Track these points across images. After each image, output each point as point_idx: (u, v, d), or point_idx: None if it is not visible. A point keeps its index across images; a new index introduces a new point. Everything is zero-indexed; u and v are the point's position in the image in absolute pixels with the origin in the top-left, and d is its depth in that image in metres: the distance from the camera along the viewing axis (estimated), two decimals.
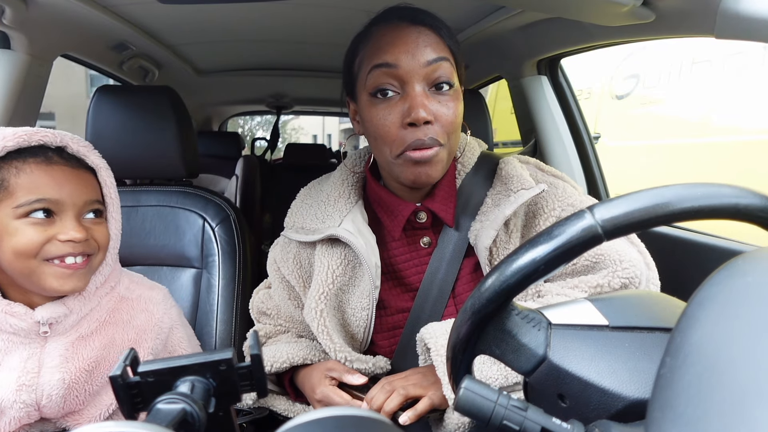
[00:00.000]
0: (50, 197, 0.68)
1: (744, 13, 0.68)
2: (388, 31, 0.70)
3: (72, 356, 0.73)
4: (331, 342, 0.75)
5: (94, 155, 0.76)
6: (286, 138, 13.84)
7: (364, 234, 0.77)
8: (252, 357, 0.40)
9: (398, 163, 0.71)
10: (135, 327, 0.81)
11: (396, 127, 0.69)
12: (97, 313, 0.77)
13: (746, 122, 2.42)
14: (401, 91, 0.69)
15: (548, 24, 1.19)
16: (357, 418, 0.30)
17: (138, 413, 0.39)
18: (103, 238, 0.75)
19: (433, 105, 0.69)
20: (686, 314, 0.31)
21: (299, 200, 0.88)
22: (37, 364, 0.71)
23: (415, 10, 0.73)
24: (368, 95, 0.71)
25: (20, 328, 0.70)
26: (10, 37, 1.09)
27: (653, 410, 0.28)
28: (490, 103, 3.35)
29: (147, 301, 0.84)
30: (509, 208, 0.71)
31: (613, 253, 0.72)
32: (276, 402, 0.85)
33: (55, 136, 0.71)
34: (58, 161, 0.71)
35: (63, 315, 0.72)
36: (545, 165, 0.84)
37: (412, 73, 0.68)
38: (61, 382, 0.71)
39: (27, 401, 0.70)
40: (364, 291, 0.77)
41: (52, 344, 0.73)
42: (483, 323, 0.43)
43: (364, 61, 0.72)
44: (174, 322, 0.88)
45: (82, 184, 0.73)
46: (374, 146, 0.75)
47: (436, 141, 0.68)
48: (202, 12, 1.30)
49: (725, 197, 0.37)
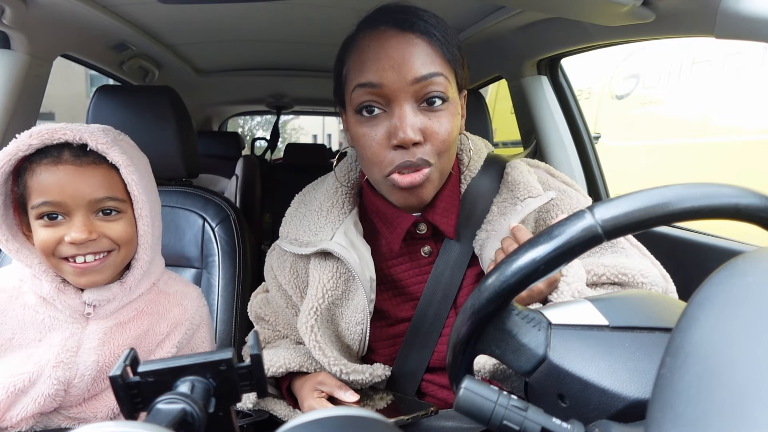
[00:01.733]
0: (53, 200, 0.69)
1: (744, 13, 0.68)
2: (373, 41, 0.65)
3: (109, 340, 0.77)
4: (324, 356, 0.72)
5: (116, 152, 0.73)
6: (286, 138, 13.83)
7: (358, 247, 0.74)
8: (252, 357, 0.40)
9: (387, 184, 0.68)
10: (169, 320, 0.83)
11: (383, 147, 0.65)
12: (137, 303, 0.81)
13: (746, 122, 2.42)
14: (387, 108, 0.65)
15: (548, 24, 1.19)
16: (357, 418, 0.30)
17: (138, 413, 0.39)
18: (119, 234, 0.74)
19: (424, 122, 0.64)
20: (686, 314, 0.31)
21: (293, 208, 0.84)
22: (76, 344, 0.75)
23: (405, 12, 0.66)
24: (354, 112, 0.67)
25: (68, 305, 0.74)
26: (10, 37, 1.09)
27: (653, 410, 0.28)
28: (490, 103, 3.35)
29: (183, 296, 0.87)
30: (515, 219, 0.69)
31: (636, 274, 0.68)
32: (277, 407, 0.84)
33: (74, 134, 0.70)
34: (68, 159, 0.70)
35: (107, 300, 0.76)
36: (556, 171, 0.81)
37: (398, 92, 0.63)
38: (95, 363, 0.75)
39: (61, 378, 0.72)
40: (358, 305, 0.74)
41: (92, 326, 0.77)
42: (483, 323, 0.43)
43: (349, 74, 0.68)
44: (203, 321, 0.90)
45: (91, 183, 0.72)
46: (363, 164, 0.71)
47: (425, 162, 0.64)
48: (202, 12, 1.30)
49: (725, 197, 0.37)
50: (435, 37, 0.65)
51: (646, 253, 0.75)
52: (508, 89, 1.62)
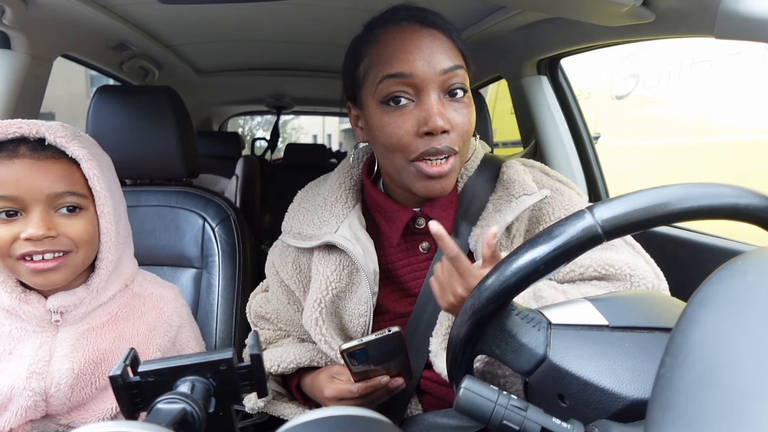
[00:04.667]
0: (9, 194, 0.67)
1: (744, 13, 0.68)
2: (398, 34, 0.67)
3: (82, 346, 0.74)
4: (330, 349, 0.74)
5: (76, 145, 0.71)
6: (286, 138, 13.83)
7: (362, 240, 0.75)
8: (252, 357, 0.40)
9: (410, 171, 0.68)
10: (146, 323, 0.81)
11: (410, 135, 0.66)
12: (109, 307, 0.78)
13: (746, 122, 2.42)
14: (416, 98, 0.66)
15: (548, 24, 1.19)
16: (357, 418, 0.30)
17: (138, 413, 0.39)
18: (80, 233, 0.71)
19: (449, 113, 0.66)
20: (686, 314, 0.31)
21: (296, 204, 0.86)
22: (48, 353, 0.72)
23: (423, 10, 0.69)
24: (378, 103, 0.68)
25: (32, 315, 0.72)
26: (10, 37, 1.09)
27: (653, 410, 0.28)
28: (490, 103, 3.35)
29: (158, 299, 0.85)
30: (510, 215, 0.70)
31: (623, 266, 0.69)
32: (286, 411, 0.83)
33: (31, 127, 0.68)
34: (24, 154, 0.68)
35: (73, 305, 0.73)
36: (551, 169, 0.82)
37: (428, 82, 0.65)
38: (70, 371, 0.72)
39: (36, 389, 0.70)
40: (361, 298, 0.75)
41: (63, 334, 0.74)
42: (483, 323, 0.43)
43: (371, 67, 0.68)
44: (183, 321, 0.88)
45: (50, 177, 0.69)
46: (383, 154, 0.72)
47: (451, 149, 0.66)
48: (202, 12, 1.30)
49: (725, 197, 0.37)
50: (454, 33, 0.69)
51: (641, 251, 0.75)
52: (508, 89, 1.62)
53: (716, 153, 2.52)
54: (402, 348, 0.67)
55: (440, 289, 0.63)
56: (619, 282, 0.69)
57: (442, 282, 0.63)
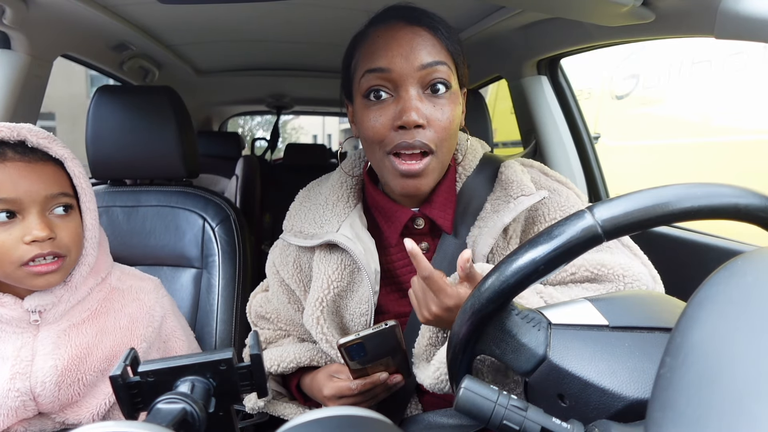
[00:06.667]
0: (7, 197, 0.67)
1: (744, 13, 0.68)
2: (384, 32, 0.69)
3: (64, 343, 0.74)
4: (331, 348, 0.75)
5: (58, 145, 0.72)
6: (286, 138, 13.83)
7: (363, 239, 0.75)
8: (252, 357, 0.40)
9: (387, 166, 0.70)
10: (127, 315, 0.81)
11: (386, 128, 0.68)
12: (88, 302, 0.78)
13: (746, 122, 2.42)
14: (394, 93, 0.68)
15: (548, 24, 1.19)
16: (357, 418, 0.30)
17: (138, 413, 0.39)
18: (71, 237, 0.73)
19: (428, 108, 0.67)
20: (686, 314, 0.31)
21: (297, 203, 0.86)
22: (30, 353, 0.72)
23: (413, 9, 0.71)
24: (361, 97, 0.70)
25: (11, 318, 0.72)
26: (10, 37, 1.09)
27: (653, 410, 0.28)
28: (490, 103, 3.35)
29: (138, 291, 0.85)
30: (508, 216, 0.70)
31: (616, 267, 0.68)
32: (286, 411, 0.84)
33: (11, 131, 0.69)
34: (13, 157, 0.68)
35: (51, 303, 0.74)
36: (550, 170, 0.82)
37: (405, 77, 0.66)
38: (53, 369, 0.72)
39: (21, 389, 0.70)
40: (362, 297, 0.75)
41: (44, 332, 0.74)
42: (483, 323, 0.43)
43: (359, 63, 0.71)
44: (166, 311, 0.88)
45: (44, 179, 0.70)
46: (366, 147, 0.74)
47: (425, 145, 0.67)
48: (202, 12, 1.30)
49: (725, 197, 0.37)
50: (440, 31, 0.69)
51: (638, 253, 0.75)
52: (508, 89, 1.62)
53: (716, 153, 2.52)
54: (399, 343, 0.67)
55: (417, 303, 0.65)
56: (611, 283, 0.69)
57: (418, 297, 0.64)
